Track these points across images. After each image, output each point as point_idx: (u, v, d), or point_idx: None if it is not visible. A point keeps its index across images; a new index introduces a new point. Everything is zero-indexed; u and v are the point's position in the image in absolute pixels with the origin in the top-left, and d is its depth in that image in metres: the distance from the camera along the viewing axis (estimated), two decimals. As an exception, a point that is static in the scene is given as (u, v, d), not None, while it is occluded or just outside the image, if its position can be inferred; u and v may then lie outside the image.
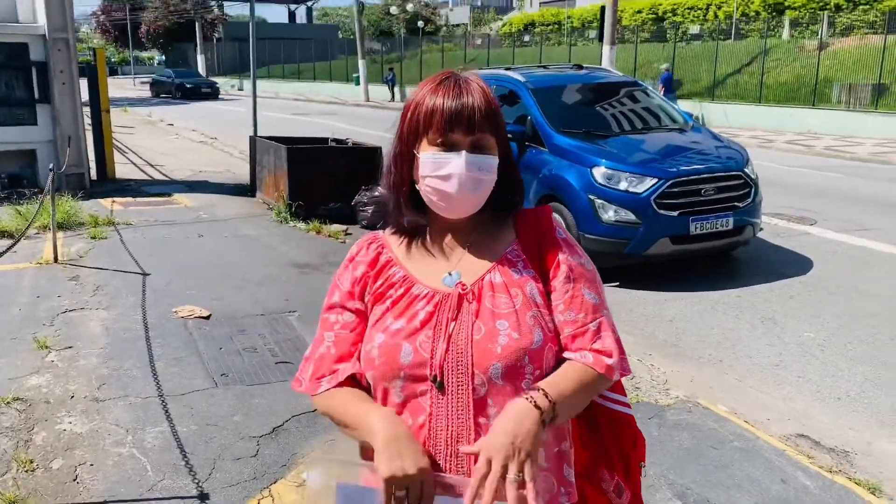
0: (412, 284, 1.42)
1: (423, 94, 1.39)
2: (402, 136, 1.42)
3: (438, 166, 1.35)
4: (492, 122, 1.37)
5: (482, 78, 1.42)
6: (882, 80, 18.59)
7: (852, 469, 3.57)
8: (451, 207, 1.39)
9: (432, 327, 1.37)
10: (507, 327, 1.34)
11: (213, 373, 4.38)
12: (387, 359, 1.37)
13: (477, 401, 1.33)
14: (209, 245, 7.45)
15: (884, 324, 5.48)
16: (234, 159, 14.53)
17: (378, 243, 1.50)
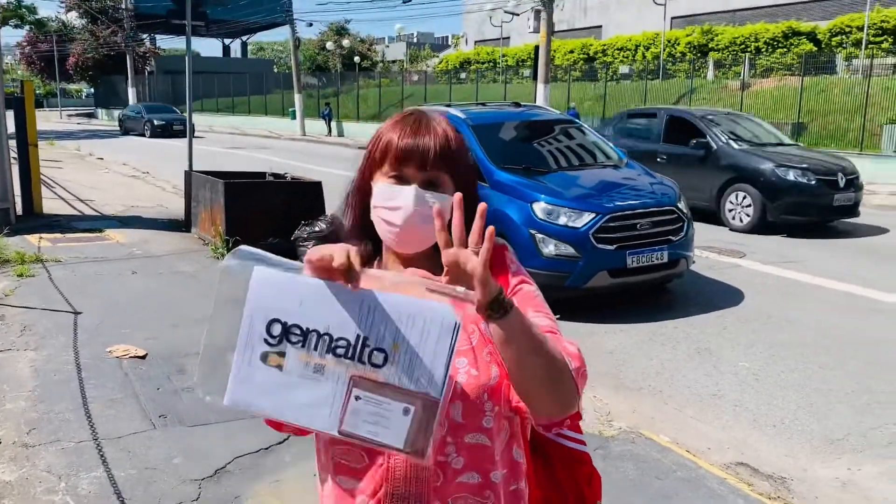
0: None
1: (385, 129, 1.42)
2: (361, 168, 1.44)
3: (389, 197, 1.37)
4: (448, 161, 1.37)
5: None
6: (801, 119, 19.54)
7: (790, 495, 3.68)
8: (400, 241, 1.39)
9: None
10: (466, 364, 1.34)
11: (151, 414, 4.24)
12: None
13: (437, 441, 1.30)
14: (143, 282, 7.25)
15: (812, 352, 5.70)
16: (167, 194, 14.23)
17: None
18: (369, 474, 1.34)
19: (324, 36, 55.08)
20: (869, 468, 3.96)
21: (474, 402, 1.32)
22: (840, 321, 6.47)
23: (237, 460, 3.74)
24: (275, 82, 45.85)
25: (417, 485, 1.33)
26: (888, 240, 10.17)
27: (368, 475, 1.34)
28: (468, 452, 1.34)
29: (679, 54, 28.87)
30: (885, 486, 3.79)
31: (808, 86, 20.06)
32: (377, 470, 1.33)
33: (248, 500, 3.40)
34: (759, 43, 26.35)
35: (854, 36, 24.36)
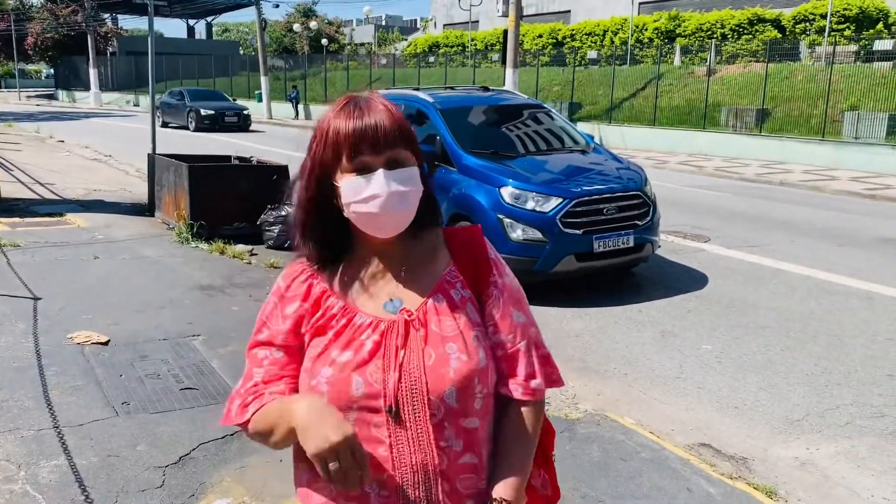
0: (354, 314, 1.39)
1: (327, 123, 1.37)
2: (312, 168, 1.38)
3: (358, 191, 1.33)
4: (401, 135, 1.35)
5: (390, 97, 1.41)
6: (765, 106, 19.79)
7: (751, 475, 3.75)
8: (381, 227, 1.36)
9: (381, 357, 1.34)
10: (456, 350, 1.36)
11: (114, 401, 4.17)
12: (337, 393, 1.33)
13: (435, 425, 1.34)
14: (106, 267, 7.12)
15: (774, 335, 5.80)
16: (130, 178, 13.99)
17: (307, 274, 1.45)
18: (373, 468, 1.32)
19: (291, 17, 54.42)
20: (827, 448, 4.06)
21: (467, 387, 1.36)
22: (801, 304, 6.59)
23: (202, 447, 3.71)
24: (241, 64, 45.18)
25: (423, 471, 1.34)
26: (847, 223, 10.37)
27: (372, 469, 1.32)
28: (466, 435, 1.38)
29: (647, 40, 29.00)
30: (841, 465, 3.88)
31: (773, 72, 20.30)
32: (382, 463, 1.34)
33: (214, 486, 3.37)
34: (725, 29, 26.57)
35: (817, 23, 24.68)
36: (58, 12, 51.08)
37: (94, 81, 47.59)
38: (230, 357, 4.89)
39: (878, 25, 23.40)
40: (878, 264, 8.00)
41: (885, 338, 5.76)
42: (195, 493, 3.30)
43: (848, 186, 14.14)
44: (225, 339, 5.22)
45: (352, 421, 1.32)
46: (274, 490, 3.35)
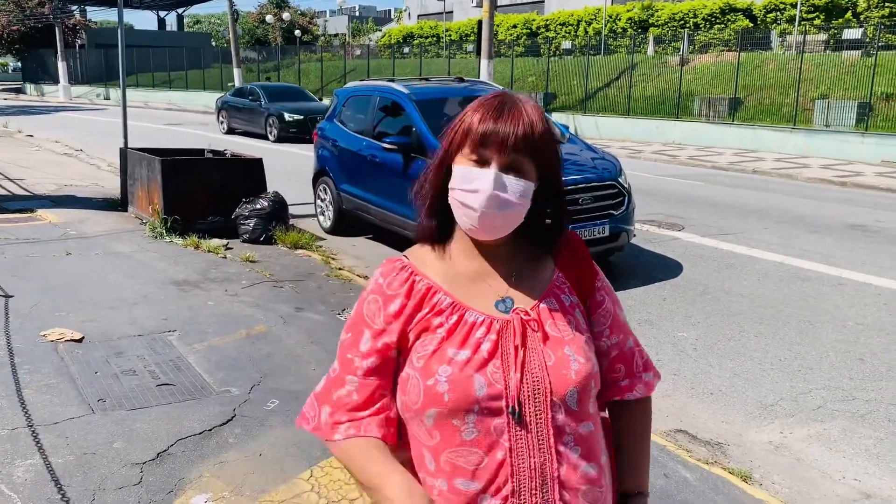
0: (464, 311, 1.35)
1: (469, 110, 1.36)
2: (442, 148, 1.39)
3: (467, 180, 1.32)
4: (532, 147, 1.32)
5: (366, 89, 1.39)
6: (737, 95, 19.98)
7: (726, 459, 3.81)
8: (477, 226, 1.33)
9: (499, 357, 1.31)
10: (574, 353, 1.35)
11: (89, 399, 4.13)
12: (459, 393, 1.28)
13: (555, 428, 1.32)
14: (79, 263, 7.03)
15: (748, 322, 5.88)
16: (102, 172, 13.80)
17: (408, 271, 1.41)
18: (489, 472, 1.30)
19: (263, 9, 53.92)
20: (800, 431, 4.13)
21: (586, 389, 1.35)
22: (774, 291, 6.69)
23: (180, 442, 3.69)
24: (213, 56, 44.63)
25: (541, 475, 1.30)
26: (818, 210, 10.53)
27: (489, 473, 1.30)
28: (583, 442, 1.35)
29: (620, 30, 29.13)
30: (814, 448, 3.96)
31: (745, 61, 20.49)
32: (499, 467, 1.30)
33: (192, 482, 3.36)
34: (698, 19, 26.77)
35: (788, 13, 24.94)
36: (24, 4, 50.12)
37: (63, 75, 46.82)
38: (207, 352, 4.86)
39: (847, 14, 23.69)
40: (849, 250, 8.14)
41: (855, 322, 5.86)
42: (174, 490, 3.28)
43: (819, 174, 14.34)
44: (201, 335, 5.18)
45: (471, 424, 1.29)
46: (253, 485, 3.34)
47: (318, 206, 9.31)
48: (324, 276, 6.81)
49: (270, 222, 8.12)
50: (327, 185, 8.98)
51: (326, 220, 9.13)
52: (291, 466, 3.49)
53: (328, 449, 1.41)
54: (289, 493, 3.27)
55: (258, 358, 4.80)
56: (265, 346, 5.01)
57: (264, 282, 6.55)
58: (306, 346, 5.02)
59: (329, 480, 3.35)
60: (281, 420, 3.93)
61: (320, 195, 9.24)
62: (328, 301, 6.06)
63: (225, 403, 4.12)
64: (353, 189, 8.42)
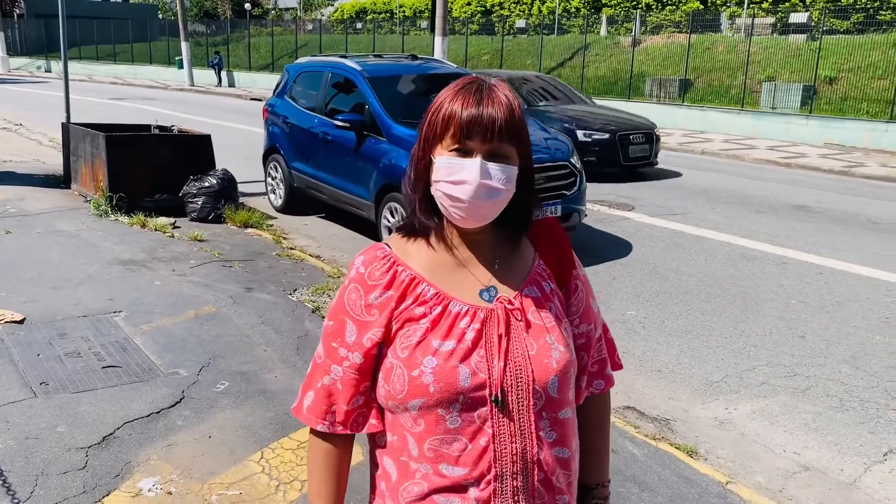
0: (448, 301, 1.35)
1: (445, 98, 1.34)
2: (421, 140, 1.36)
3: (452, 171, 1.30)
4: (513, 133, 1.32)
5: (317, 65, 1.36)
6: (688, 76, 20.26)
7: (673, 435, 3.90)
8: (464, 215, 1.32)
9: (483, 346, 1.32)
10: (555, 341, 1.36)
11: (31, 381, 4.02)
12: (444, 384, 1.29)
13: (536, 414, 1.33)
14: (19, 242, 6.81)
15: (695, 300, 6.01)
16: (43, 148, 13.36)
17: (390, 261, 1.39)
18: (473, 458, 1.31)
19: (212, -19, 52.46)
20: (743, 407, 4.24)
21: (566, 377, 1.36)
22: (720, 270, 6.83)
23: (126, 425, 3.62)
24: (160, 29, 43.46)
25: (522, 460, 1.32)
26: (764, 191, 10.77)
27: (472, 459, 1.31)
28: (559, 427, 1.37)
29: (573, 9, 29.21)
30: (756, 423, 4.07)
31: (695, 43, 20.77)
32: (482, 453, 1.31)
33: (140, 465, 3.30)
34: (650, 0, 26.99)
35: (737, -5, 25.34)
36: (-42, -30, 47.93)
37: (1, 46, 45.03)
38: (153, 333, 4.77)
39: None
40: (792, 230, 8.35)
41: (797, 301, 6.03)
42: (120, 474, 3.22)
43: (765, 155, 14.66)
44: (148, 315, 5.07)
45: (456, 413, 1.30)
46: (203, 467, 3.30)
47: (269, 184, 9.18)
48: (274, 256, 6.72)
49: (219, 200, 7.97)
50: (278, 163, 8.85)
51: (277, 198, 9.00)
52: (241, 448, 3.45)
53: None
54: (239, 475, 3.24)
55: (207, 339, 4.72)
56: (214, 326, 4.94)
57: (213, 261, 6.43)
58: (256, 327, 4.95)
59: (280, 462, 3.33)
60: (231, 402, 3.89)
61: (271, 173, 9.10)
62: (279, 281, 5.99)
63: (173, 385, 4.05)
64: (305, 167, 8.31)
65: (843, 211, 9.53)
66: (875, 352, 5.04)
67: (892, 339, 5.26)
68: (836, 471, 3.64)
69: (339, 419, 1.39)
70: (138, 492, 3.10)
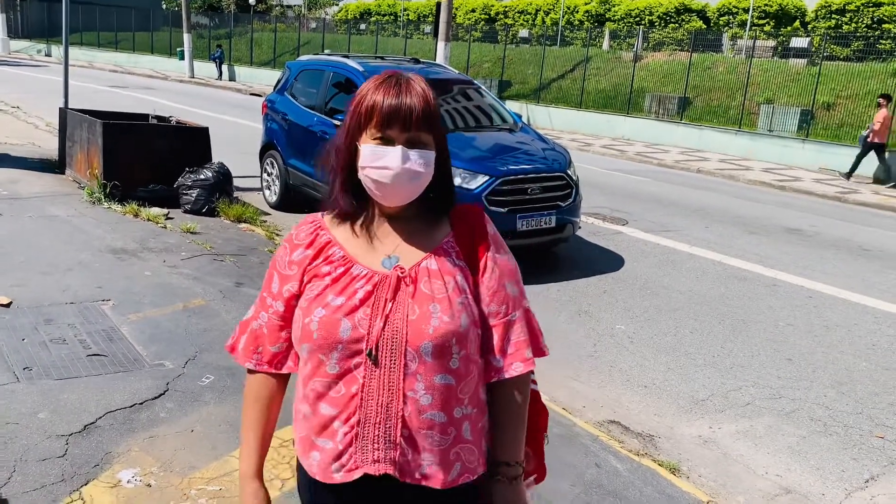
0: (352, 264, 1.53)
1: (367, 91, 1.49)
2: (345, 128, 1.52)
3: (376, 158, 1.46)
4: (428, 121, 1.48)
5: (319, 63, 1.44)
6: (687, 94, 20.34)
7: (657, 451, 3.89)
8: (387, 196, 1.49)
9: (370, 305, 1.47)
10: (439, 311, 1.47)
11: (15, 366, 3.98)
12: (326, 332, 1.47)
13: (408, 375, 1.47)
14: (10, 226, 6.76)
15: (685, 317, 6.02)
16: (39, 132, 13.29)
17: (316, 225, 1.60)
18: (343, 402, 1.48)
19: (217, -26, 52.36)
20: (728, 427, 4.25)
21: (443, 345, 1.47)
22: (710, 289, 6.85)
23: (109, 415, 3.59)
24: (163, 20, 43.30)
25: (385, 412, 1.47)
26: (757, 212, 10.81)
27: (343, 403, 1.48)
28: (437, 392, 1.48)
29: (577, 22, 29.31)
30: (740, 443, 4.08)
31: (696, 62, 20.86)
32: (351, 399, 1.48)
33: (120, 455, 3.27)
34: (654, 17, 27.10)
35: (740, 17, 25.46)
36: (-37, -50, 47.71)
37: (2, 27, 44.81)
38: (141, 323, 4.74)
39: (796, 23, 24.31)
40: (784, 252, 8.38)
41: (786, 323, 6.05)
42: (99, 464, 3.19)
43: (760, 177, 14.72)
44: (136, 305, 5.05)
45: (334, 361, 1.48)
46: (183, 461, 3.27)
47: (265, 179, 9.15)
48: (267, 252, 6.70)
49: (214, 194, 7.94)
50: (274, 160, 8.83)
51: (272, 194, 8.98)
52: (224, 444, 3.43)
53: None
54: (220, 471, 3.22)
55: (195, 332, 4.70)
56: (202, 320, 4.91)
57: (204, 254, 6.41)
58: (245, 322, 4.92)
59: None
60: (215, 396, 3.87)
61: (267, 169, 9.08)
62: (270, 277, 5.96)
63: (158, 377, 4.03)
64: (301, 164, 8.29)
65: (836, 236, 9.58)
66: (860, 378, 5.06)
67: (877, 367, 5.28)
68: (817, 495, 3.64)
69: (265, 359, 1.61)
70: (117, 482, 3.08)
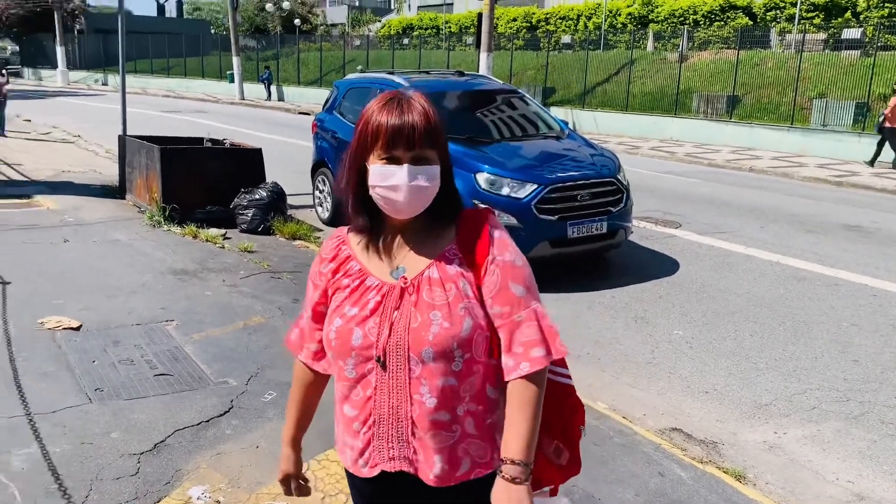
0: (366, 277, 1.65)
1: (371, 113, 1.58)
2: (353, 149, 1.62)
3: (384, 177, 1.55)
4: (431, 137, 1.56)
5: (365, 80, 1.51)
6: (736, 92, 19.98)
7: (720, 459, 3.83)
8: (398, 211, 1.59)
9: (379, 315, 1.60)
10: (440, 317, 1.56)
11: (87, 388, 4.14)
12: (341, 341, 1.62)
13: (413, 379, 1.58)
14: (76, 251, 7.03)
15: (744, 321, 5.91)
16: (100, 159, 13.76)
17: (339, 240, 1.74)
18: (361, 404, 1.64)
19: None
20: (794, 432, 4.16)
21: (444, 350, 1.55)
22: (769, 290, 6.71)
23: (177, 433, 3.70)
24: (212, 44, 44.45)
25: (396, 413, 1.60)
26: (814, 210, 10.56)
27: (361, 405, 1.64)
28: (440, 394, 1.57)
29: (620, 25, 29.10)
30: (808, 448, 3.98)
31: (744, 59, 20.49)
32: (367, 401, 1.62)
33: (189, 473, 3.37)
34: (698, 16, 26.74)
35: (788, 11, 24.94)
36: (22, -12, 49.78)
37: (62, 59, 46.56)
38: (204, 342, 4.87)
39: (847, 14, 23.68)
40: (844, 250, 8.16)
41: (849, 323, 5.89)
42: (170, 481, 3.30)
43: (815, 173, 14.36)
44: (199, 325, 5.19)
45: (351, 366, 1.63)
46: (250, 477, 3.35)
47: (317, 197, 9.31)
48: (321, 268, 6.80)
49: (269, 213, 8.12)
50: (325, 177, 8.97)
51: (324, 211, 9.12)
52: (288, 459, 3.49)
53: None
54: (286, 486, 3.28)
55: (256, 349, 4.81)
56: (263, 337, 5.02)
57: (262, 272, 6.55)
58: (304, 339, 5.01)
59: (326, 474, 3.37)
60: (278, 412, 3.95)
61: (318, 186, 9.24)
62: (326, 293, 6.06)
63: (222, 394, 4.14)
64: (352, 181, 8.39)
65: (899, 232, 9.29)
66: (932, 378, 4.89)
67: (950, 366, 5.10)
68: (892, 501, 3.54)
69: (309, 355, 1.81)
70: (188, 499, 3.17)
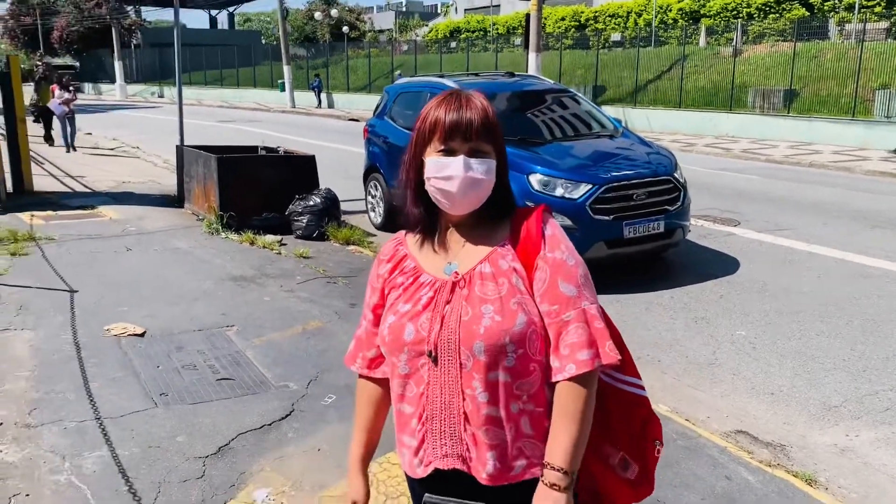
0: (419, 273, 1.65)
1: (430, 108, 1.59)
2: (412, 144, 1.63)
3: (440, 169, 1.55)
4: (488, 131, 1.57)
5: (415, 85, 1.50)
6: (793, 86, 19.47)
7: (789, 462, 3.72)
8: (454, 204, 1.58)
9: (431, 310, 1.59)
10: (492, 311, 1.53)
11: (152, 392, 4.24)
12: (393, 336, 1.62)
13: (465, 374, 1.55)
14: (139, 259, 7.22)
15: (808, 320, 5.74)
16: (158, 169, 14.12)
17: (397, 241, 1.75)
18: (414, 400, 1.62)
19: (312, 6, 54.40)
20: (866, 434, 4.01)
21: (496, 344, 1.52)
22: (835, 288, 6.50)
23: (240, 437, 3.76)
24: (263, 54, 45.29)
25: (448, 409, 1.57)
26: (879, 205, 10.20)
27: (416, 401, 1.62)
28: (493, 389, 1.54)
29: (671, 21, 28.65)
30: (882, 451, 3.84)
31: (801, 51, 19.95)
32: (420, 397, 1.60)
33: (253, 476, 3.41)
34: (751, 9, 26.16)
35: (846, 0, 24.20)
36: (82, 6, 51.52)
37: (120, 73, 48.03)
38: (264, 347, 4.94)
39: (910, 1, 22.87)
40: (914, 246, 7.87)
41: (922, 321, 5.67)
42: (235, 484, 3.35)
43: (879, 167, 13.89)
44: (258, 330, 5.27)
45: (404, 362, 1.61)
46: (313, 480, 3.38)
47: (369, 202, 9.38)
48: (376, 272, 6.85)
49: (323, 219, 8.21)
50: (378, 182, 9.03)
51: (377, 216, 9.18)
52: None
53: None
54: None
55: (314, 353, 4.86)
56: (321, 341, 5.07)
57: (318, 277, 6.62)
58: (361, 342, 5.05)
59: (387, 476, 3.38)
60: (338, 415, 3.98)
61: (371, 192, 9.30)
62: (381, 297, 6.09)
63: (283, 398, 4.19)
64: (404, 185, 8.43)
65: (971, 225, 8.91)
66: None
67: None
68: (973, 506, 3.38)
69: (365, 364, 1.78)
70: (252, 502, 3.21)
